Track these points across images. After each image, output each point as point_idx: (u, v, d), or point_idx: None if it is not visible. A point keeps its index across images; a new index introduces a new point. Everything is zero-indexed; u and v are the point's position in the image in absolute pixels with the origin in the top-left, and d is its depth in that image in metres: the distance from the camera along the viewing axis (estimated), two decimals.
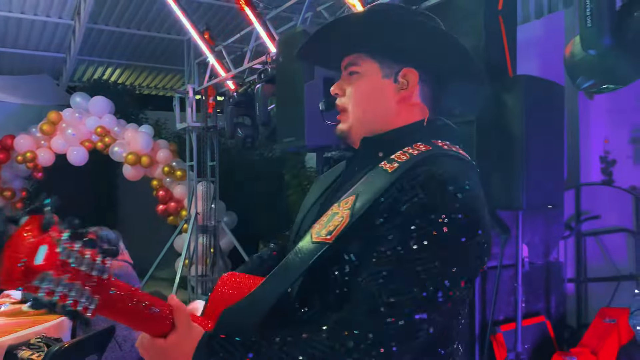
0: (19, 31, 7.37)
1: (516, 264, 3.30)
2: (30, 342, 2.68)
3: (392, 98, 1.07)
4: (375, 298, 0.88)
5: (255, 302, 0.95)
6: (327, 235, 0.94)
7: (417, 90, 1.07)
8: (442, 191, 0.92)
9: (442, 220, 0.90)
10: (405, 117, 1.08)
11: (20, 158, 6.99)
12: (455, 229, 0.90)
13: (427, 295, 0.88)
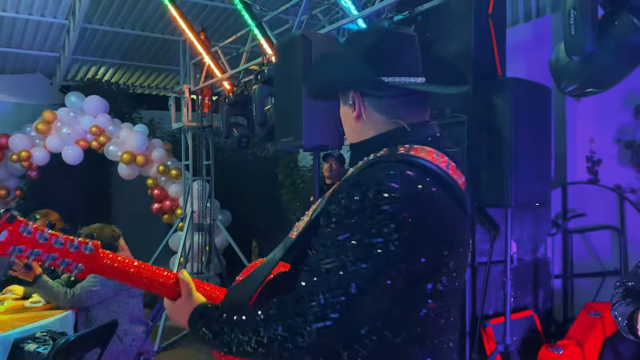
0: (13, 30, 7.38)
1: (505, 260, 3.40)
2: (36, 336, 2.75)
3: (351, 118, 1.21)
4: (301, 287, 1.04)
5: (246, 284, 1.18)
6: (295, 232, 1.15)
7: (365, 106, 1.19)
8: (362, 195, 1.02)
9: (358, 223, 1.01)
10: (371, 131, 1.19)
11: (15, 157, 7.00)
12: (372, 230, 1.00)
13: (339, 290, 0.99)
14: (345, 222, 1.02)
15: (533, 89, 3.37)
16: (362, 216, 1.01)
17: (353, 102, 1.19)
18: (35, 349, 2.64)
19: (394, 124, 1.17)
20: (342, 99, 1.23)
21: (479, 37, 3.72)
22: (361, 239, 1.00)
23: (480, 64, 3.75)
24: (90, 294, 3.12)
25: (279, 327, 1.01)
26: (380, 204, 1.01)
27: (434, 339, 1.10)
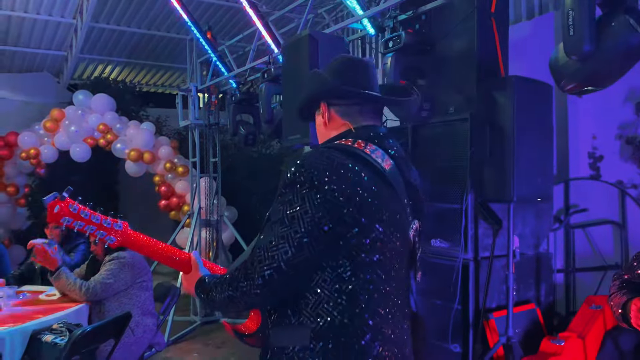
0: (21, 30, 7.48)
1: (507, 254, 3.46)
2: (53, 327, 2.84)
3: (321, 124, 1.56)
4: (255, 247, 1.35)
5: (240, 258, 1.55)
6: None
7: (332, 114, 1.53)
8: (294, 167, 1.34)
9: (284, 192, 1.34)
10: (333, 132, 1.52)
11: (24, 155, 7.11)
12: (299, 191, 1.31)
13: (276, 237, 1.30)
14: (283, 192, 1.34)
15: (535, 86, 3.43)
16: (292, 186, 1.32)
17: (320, 110, 1.54)
18: (52, 339, 2.73)
19: (348, 126, 1.50)
20: (317, 111, 1.57)
21: (481, 36, 3.77)
22: (292, 203, 1.31)
23: (483, 62, 3.80)
24: (105, 286, 3.22)
25: (240, 276, 1.33)
26: (304, 175, 1.31)
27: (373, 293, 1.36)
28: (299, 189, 1.31)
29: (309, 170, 1.31)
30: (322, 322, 1.32)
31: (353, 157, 1.37)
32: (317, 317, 1.32)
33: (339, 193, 1.30)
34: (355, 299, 1.33)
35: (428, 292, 3.91)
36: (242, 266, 1.35)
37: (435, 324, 3.79)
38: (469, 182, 3.55)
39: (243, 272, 1.33)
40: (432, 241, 3.85)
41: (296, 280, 1.32)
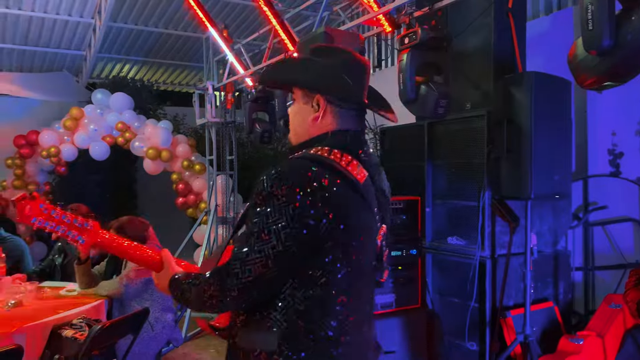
0: (41, 30, 7.60)
1: (525, 252, 3.43)
2: (73, 322, 2.88)
3: (308, 117, 1.47)
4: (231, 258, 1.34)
5: (214, 256, 1.53)
6: (238, 216, 1.55)
7: (327, 111, 1.45)
8: (273, 178, 1.31)
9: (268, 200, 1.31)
10: (316, 131, 1.47)
11: (44, 153, 7.22)
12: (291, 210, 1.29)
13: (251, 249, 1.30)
14: (258, 203, 1.32)
15: (553, 82, 3.39)
16: (269, 198, 1.30)
17: (318, 105, 1.45)
18: (72, 334, 2.77)
19: (331, 128, 1.46)
20: (303, 98, 1.48)
21: (499, 31, 3.75)
22: (268, 216, 1.30)
23: (500, 58, 3.78)
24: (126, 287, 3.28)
25: (216, 284, 1.34)
26: (280, 187, 1.30)
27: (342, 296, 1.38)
28: (276, 202, 1.29)
29: (285, 183, 1.30)
30: (290, 327, 1.34)
31: (329, 170, 1.35)
32: (285, 322, 1.34)
33: (315, 208, 1.29)
34: (324, 306, 1.35)
35: (445, 290, 3.90)
36: (218, 275, 1.35)
37: (452, 322, 3.78)
38: (486, 179, 3.53)
39: (218, 281, 1.34)
40: (448, 239, 3.84)
41: (270, 289, 1.35)
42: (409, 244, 3.64)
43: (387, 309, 3.50)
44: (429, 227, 3.97)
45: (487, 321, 3.60)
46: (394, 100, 4.06)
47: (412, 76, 3.10)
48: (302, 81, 1.49)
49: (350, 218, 1.35)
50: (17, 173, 7.43)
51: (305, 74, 1.48)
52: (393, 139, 4.55)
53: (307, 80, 1.47)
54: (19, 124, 7.74)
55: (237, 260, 1.32)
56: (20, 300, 3.12)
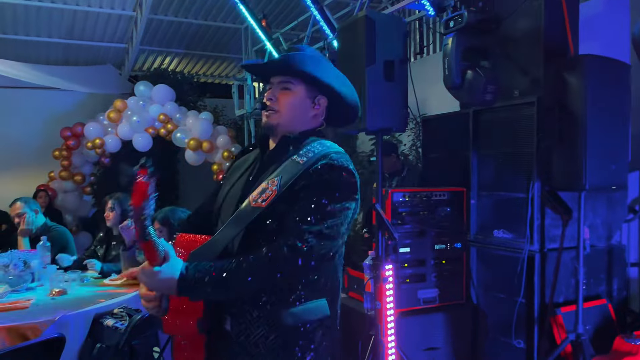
0: (85, 24, 7.75)
1: (577, 246, 3.26)
2: (114, 312, 2.90)
3: (309, 112, 1.63)
4: (298, 230, 1.42)
5: (212, 245, 1.48)
6: (262, 202, 1.47)
7: (323, 110, 1.66)
8: (336, 173, 1.49)
9: (338, 189, 1.48)
10: (309, 125, 1.64)
11: (89, 144, 7.38)
12: (345, 194, 1.49)
13: (326, 227, 1.44)
14: (325, 190, 1.47)
15: (610, 65, 3.18)
16: (337, 185, 1.49)
17: (319, 103, 1.64)
18: (113, 324, 2.79)
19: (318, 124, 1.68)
20: (308, 93, 1.62)
21: (549, 13, 3.55)
22: (333, 197, 1.47)
23: (551, 42, 3.58)
24: None
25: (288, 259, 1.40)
26: (348, 178, 1.51)
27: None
28: (349, 189, 1.51)
29: (354, 176, 1.54)
30: (332, 289, 1.58)
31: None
32: (328, 286, 1.57)
33: (358, 200, 1.56)
34: (336, 274, 1.61)
35: (490, 285, 3.76)
36: (288, 247, 1.41)
37: (497, 318, 3.65)
38: (536, 170, 3.37)
39: (289, 254, 1.40)
40: (494, 232, 3.69)
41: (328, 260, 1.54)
42: (454, 237, 3.52)
43: (431, 304, 3.40)
44: (474, 220, 3.82)
45: (536, 318, 3.46)
46: (437, 87, 3.94)
47: (458, 61, 2.97)
48: (327, 80, 1.61)
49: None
50: (63, 164, 7.63)
51: (323, 73, 1.61)
52: (436, 128, 4.41)
53: (330, 80, 1.61)
54: (66, 116, 7.95)
55: (311, 233, 1.42)
56: (63, 289, 3.16)
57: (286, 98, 1.60)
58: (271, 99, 1.61)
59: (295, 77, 1.60)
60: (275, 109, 1.60)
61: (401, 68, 2.82)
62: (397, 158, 4.80)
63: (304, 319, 1.50)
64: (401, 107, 2.87)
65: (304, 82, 1.60)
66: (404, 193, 3.42)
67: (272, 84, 1.64)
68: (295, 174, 1.49)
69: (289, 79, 1.60)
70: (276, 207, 1.46)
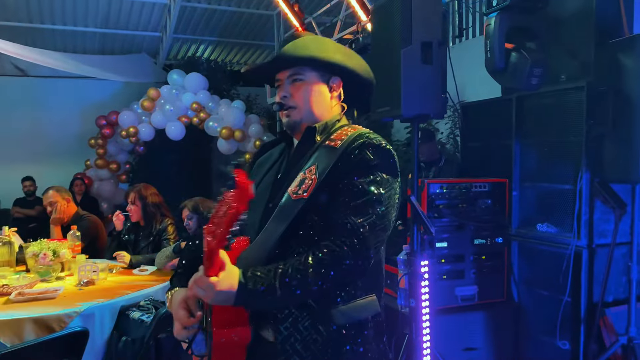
0: (120, 13, 7.77)
1: (631, 242, 3.04)
2: (140, 304, 2.85)
3: (328, 97, 1.54)
4: (349, 224, 1.32)
5: (259, 248, 1.36)
6: (304, 193, 1.37)
7: (341, 92, 1.56)
8: (377, 151, 1.40)
9: (382, 169, 1.39)
10: (333, 111, 1.55)
11: (124, 133, 7.42)
12: (390, 174, 1.41)
13: (377, 216, 1.35)
14: (370, 171, 1.38)
15: None
16: (383, 163, 1.40)
17: (335, 84, 1.54)
18: (139, 316, 2.74)
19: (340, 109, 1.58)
20: (321, 78, 1.52)
21: None
22: (384, 178, 1.39)
23: (603, 22, 3.32)
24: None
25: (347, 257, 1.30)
26: (389, 155, 1.42)
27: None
28: (393, 170, 1.42)
29: (393, 156, 1.44)
30: (377, 284, 1.50)
31: None
32: (375, 282, 1.47)
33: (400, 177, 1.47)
34: (380, 266, 1.52)
35: (533, 282, 3.55)
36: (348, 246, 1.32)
37: (540, 317, 3.45)
38: (585, 160, 3.14)
39: (348, 250, 1.31)
40: (537, 226, 3.47)
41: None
42: (494, 231, 3.32)
43: (469, 302, 3.22)
44: (516, 213, 3.61)
45: (582, 318, 3.24)
46: (477, 73, 3.72)
47: (501, 42, 2.75)
48: (340, 61, 1.51)
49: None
50: (99, 152, 7.71)
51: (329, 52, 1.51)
52: (475, 116, 4.19)
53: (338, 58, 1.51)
54: (103, 105, 8.03)
55: (365, 226, 1.33)
56: (92, 279, 3.13)
57: (300, 90, 1.49)
58: (285, 96, 1.50)
59: (302, 66, 1.49)
60: (292, 105, 1.50)
61: (440, 50, 2.62)
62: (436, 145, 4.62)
63: (355, 317, 1.40)
64: (439, 92, 2.68)
65: (313, 68, 1.50)
66: (441, 184, 3.24)
67: (281, 81, 1.52)
68: (333, 159, 1.39)
69: (296, 70, 1.49)
70: (319, 196, 1.37)
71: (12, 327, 2.44)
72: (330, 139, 1.45)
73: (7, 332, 2.43)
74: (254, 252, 1.36)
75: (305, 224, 1.37)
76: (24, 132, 8.06)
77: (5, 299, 2.76)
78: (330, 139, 1.45)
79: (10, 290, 2.86)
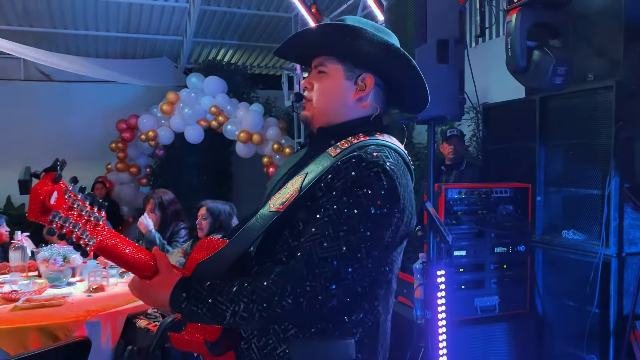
0: (140, 17, 7.80)
1: None
2: (148, 312, 2.79)
3: (350, 96, 1.31)
4: (312, 253, 1.12)
5: (222, 257, 1.22)
6: (280, 205, 1.20)
7: (372, 92, 1.32)
8: (368, 171, 1.15)
9: (368, 195, 1.14)
10: (356, 113, 1.32)
11: (143, 137, 7.44)
12: (378, 202, 1.14)
13: (351, 252, 1.13)
14: (353, 195, 1.14)
15: None
16: (369, 189, 1.14)
17: (364, 82, 1.30)
18: (145, 325, 2.68)
19: (369, 111, 1.32)
20: (346, 73, 1.31)
21: None
22: (368, 208, 1.14)
23: (634, 17, 3.16)
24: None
25: (296, 291, 1.10)
26: (382, 180, 1.16)
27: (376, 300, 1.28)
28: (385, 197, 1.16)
29: (392, 177, 1.17)
30: (370, 330, 1.26)
31: (401, 157, 1.29)
32: (359, 327, 1.23)
33: (405, 206, 1.22)
34: (386, 303, 1.30)
35: (558, 292, 3.39)
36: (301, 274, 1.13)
37: (566, 329, 3.28)
38: (613, 163, 2.98)
39: (307, 281, 1.12)
40: (563, 233, 3.31)
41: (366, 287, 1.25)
42: (517, 238, 3.17)
43: (489, 314, 3.07)
44: (540, 219, 3.45)
45: (612, 331, 3.07)
46: (501, 75, 3.58)
47: (522, 39, 2.61)
48: (365, 53, 1.28)
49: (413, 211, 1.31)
50: (119, 156, 7.74)
51: (362, 45, 1.27)
52: (498, 118, 4.04)
53: (369, 53, 1.28)
54: (125, 109, 8.07)
55: (326, 261, 1.14)
56: (101, 285, 3.09)
57: (320, 83, 1.32)
58: (306, 87, 1.35)
59: (327, 56, 1.31)
60: (309, 98, 1.34)
61: (457, 49, 2.50)
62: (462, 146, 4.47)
63: (318, 357, 1.20)
64: (456, 93, 2.55)
65: (340, 61, 1.30)
66: (459, 189, 3.11)
67: (311, 69, 1.36)
68: (322, 169, 1.19)
69: (322, 59, 1.32)
70: (297, 211, 1.19)
71: (17, 336, 2.41)
72: (335, 145, 1.26)
73: (11, 341, 2.39)
74: (215, 261, 1.23)
75: (276, 240, 1.22)
76: (47, 136, 8.15)
77: (13, 306, 2.73)
78: (335, 145, 1.26)
79: (19, 296, 2.84)
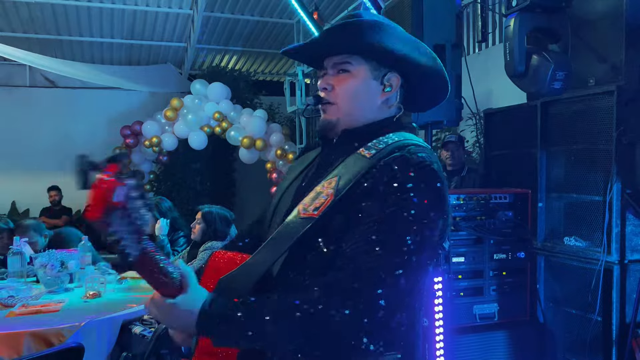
0: (144, 23, 7.85)
1: None
2: (143, 318, 2.78)
3: (377, 97, 1.24)
4: (358, 262, 1.03)
5: (249, 270, 1.12)
6: (314, 211, 1.10)
7: (397, 92, 1.26)
8: (415, 172, 1.08)
9: (416, 197, 1.06)
10: (382, 114, 1.26)
11: (147, 143, 7.47)
12: (426, 204, 1.07)
13: (400, 259, 1.03)
14: (399, 198, 1.06)
15: None
16: (417, 192, 1.07)
17: (389, 82, 1.24)
18: (140, 331, 2.66)
19: (394, 112, 1.27)
20: (373, 72, 1.23)
21: None
22: (418, 211, 1.06)
23: (635, 20, 3.13)
24: None
25: (345, 304, 1.00)
26: (430, 180, 1.09)
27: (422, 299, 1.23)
28: (434, 198, 1.09)
29: (440, 179, 1.12)
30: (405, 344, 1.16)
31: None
32: (401, 340, 1.14)
33: (448, 207, 1.15)
34: (416, 316, 1.20)
35: (559, 300, 3.34)
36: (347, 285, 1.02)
37: (568, 337, 3.24)
38: (615, 169, 2.94)
39: (355, 293, 1.01)
40: (564, 239, 3.27)
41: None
42: (516, 245, 3.13)
43: (489, 321, 3.03)
44: (541, 226, 3.41)
45: (614, 339, 3.03)
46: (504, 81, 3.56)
47: (521, 44, 2.59)
48: (396, 51, 1.20)
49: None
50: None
51: (390, 41, 1.20)
52: (499, 123, 4.01)
53: (400, 50, 1.20)
54: (129, 115, 8.12)
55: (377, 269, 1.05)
56: (98, 291, 3.08)
57: (344, 84, 1.22)
58: (325, 88, 1.24)
59: (352, 54, 1.21)
60: (331, 100, 1.23)
61: (454, 53, 2.48)
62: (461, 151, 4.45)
63: None
64: (453, 98, 2.53)
65: (365, 59, 1.21)
66: (457, 195, 3.08)
67: (326, 69, 1.25)
68: (358, 172, 1.11)
69: (345, 57, 1.21)
70: (334, 217, 1.09)
71: (10, 342, 2.39)
72: (366, 145, 1.17)
73: (5, 347, 2.38)
74: (240, 276, 1.11)
75: (310, 250, 1.11)
76: (52, 142, 8.21)
77: (9, 311, 2.73)
78: (367, 146, 1.17)
79: (15, 302, 2.83)
